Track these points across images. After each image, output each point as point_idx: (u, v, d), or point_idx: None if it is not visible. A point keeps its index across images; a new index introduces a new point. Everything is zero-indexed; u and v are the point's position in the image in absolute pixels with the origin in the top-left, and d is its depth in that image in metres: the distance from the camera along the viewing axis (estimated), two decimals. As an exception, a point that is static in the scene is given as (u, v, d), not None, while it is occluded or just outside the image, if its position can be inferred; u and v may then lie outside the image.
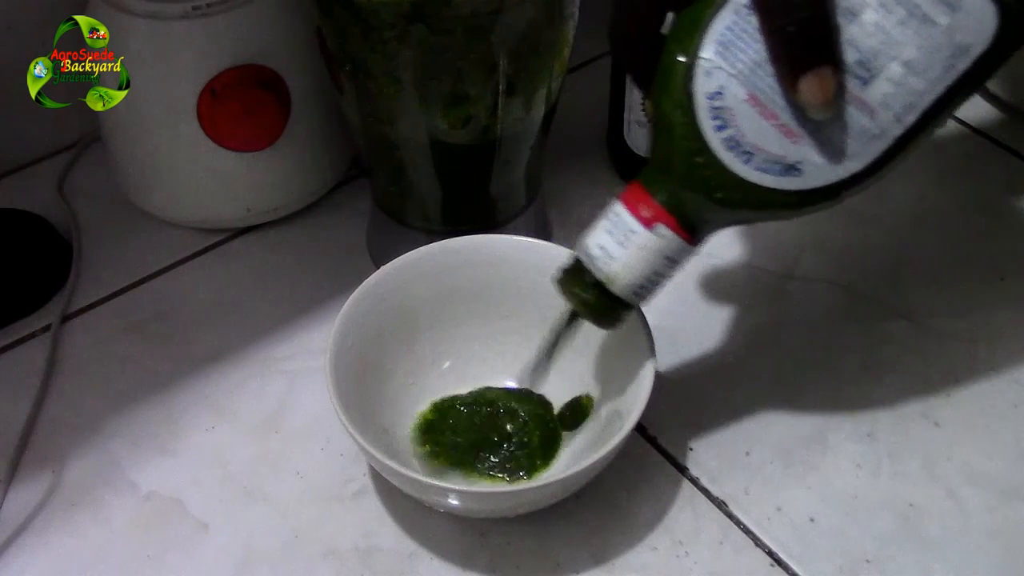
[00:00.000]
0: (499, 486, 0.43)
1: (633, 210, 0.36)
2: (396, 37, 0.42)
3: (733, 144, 0.34)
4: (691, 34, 0.34)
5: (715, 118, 0.34)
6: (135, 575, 0.42)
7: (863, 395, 0.48)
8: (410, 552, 0.42)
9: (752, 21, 0.33)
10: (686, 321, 0.51)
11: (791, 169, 0.34)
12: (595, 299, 0.38)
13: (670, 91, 0.34)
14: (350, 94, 0.47)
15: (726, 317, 0.52)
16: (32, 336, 0.52)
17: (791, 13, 0.32)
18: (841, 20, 0.32)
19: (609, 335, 0.43)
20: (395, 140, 0.47)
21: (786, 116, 0.33)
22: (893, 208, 0.58)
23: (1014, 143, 0.62)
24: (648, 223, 0.36)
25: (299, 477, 0.45)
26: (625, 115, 0.56)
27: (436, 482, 0.40)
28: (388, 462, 0.38)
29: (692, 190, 0.35)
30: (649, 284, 0.37)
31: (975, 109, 0.65)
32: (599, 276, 0.37)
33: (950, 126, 0.64)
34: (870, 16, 0.32)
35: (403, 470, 0.38)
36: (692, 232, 0.36)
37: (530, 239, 0.47)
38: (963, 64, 0.32)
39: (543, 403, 0.46)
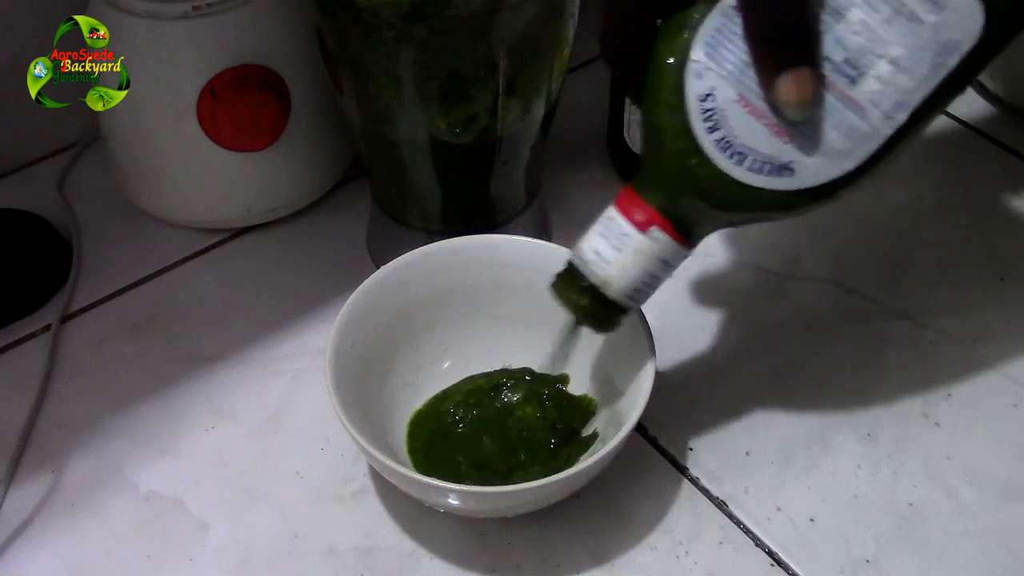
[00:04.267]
0: (499, 486, 0.43)
1: (627, 214, 0.36)
2: (396, 37, 0.42)
3: (726, 145, 0.33)
4: (680, 37, 0.34)
5: (707, 119, 0.33)
6: (135, 575, 0.42)
7: (863, 395, 0.48)
8: (410, 552, 0.42)
9: (739, 22, 0.33)
10: (686, 321, 0.51)
11: (784, 169, 0.33)
12: (590, 303, 0.38)
13: (661, 94, 0.34)
14: (350, 94, 0.47)
15: (726, 317, 0.52)
16: (32, 336, 0.52)
17: (769, 14, 0.32)
18: (827, 18, 0.32)
19: (610, 336, 0.43)
20: (395, 140, 0.47)
21: (776, 116, 0.33)
22: (892, 208, 0.58)
23: (1014, 143, 0.62)
24: (642, 227, 0.36)
25: (299, 477, 0.45)
26: (625, 115, 0.56)
27: (436, 482, 0.40)
28: (388, 462, 0.38)
29: (686, 193, 0.35)
30: (644, 287, 0.37)
31: (975, 109, 0.65)
32: (594, 280, 0.37)
33: (949, 126, 0.64)
34: (856, 14, 0.32)
35: (403, 470, 0.39)
36: (686, 235, 0.36)
37: (530, 239, 0.47)
38: (951, 62, 0.32)
39: (544, 393, 0.46)
